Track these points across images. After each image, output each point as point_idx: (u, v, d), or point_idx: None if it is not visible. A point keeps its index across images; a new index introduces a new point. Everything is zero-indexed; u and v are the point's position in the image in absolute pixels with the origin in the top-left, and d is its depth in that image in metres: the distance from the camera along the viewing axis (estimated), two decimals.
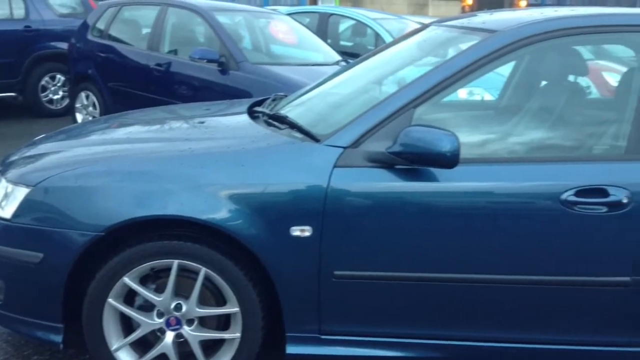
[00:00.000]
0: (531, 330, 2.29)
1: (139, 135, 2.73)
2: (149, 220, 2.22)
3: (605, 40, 2.76)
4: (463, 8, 30.80)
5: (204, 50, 5.28)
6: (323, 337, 2.31)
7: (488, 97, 3.99)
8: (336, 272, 2.23)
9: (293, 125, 2.45)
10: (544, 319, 2.27)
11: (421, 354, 2.33)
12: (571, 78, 2.77)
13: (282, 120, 2.53)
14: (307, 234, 2.19)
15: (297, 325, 2.30)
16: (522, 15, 2.56)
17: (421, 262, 2.23)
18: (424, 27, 2.97)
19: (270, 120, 2.59)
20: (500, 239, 2.20)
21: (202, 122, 2.78)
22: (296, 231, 2.19)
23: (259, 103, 2.97)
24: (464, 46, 2.37)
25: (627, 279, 2.18)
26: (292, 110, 2.71)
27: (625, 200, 2.13)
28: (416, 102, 2.24)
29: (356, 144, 2.22)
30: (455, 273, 2.22)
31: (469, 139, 2.46)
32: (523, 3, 36.02)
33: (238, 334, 2.30)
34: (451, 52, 2.44)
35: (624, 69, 2.70)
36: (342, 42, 8.16)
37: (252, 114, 2.76)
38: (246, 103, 2.98)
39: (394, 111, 2.23)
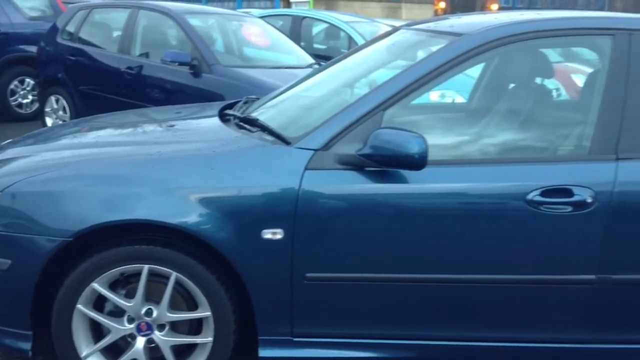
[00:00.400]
0: (500, 328, 2.32)
1: (108, 139, 2.71)
2: (118, 224, 2.20)
3: (569, 43, 2.82)
4: (436, 11, 31.17)
5: (176, 53, 5.26)
6: (296, 339, 2.31)
7: (460, 99, 4.04)
8: (308, 275, 2.23)
9: (264, 128, 2.45)
10: (512, 317, 2.31)
11: (394, 354, 2.35)
12: (538, 80, 2.81)
13: (253, 123, 2.53)
14: (278, 236, 2.19)
15: (269, 328, 2.29)
16: (489, 18, 2.60)
17: (392, 263, 2.25)
18: (394, 30, 3.00)
19: (241, 123, 2.59)
20: (469, 239, 2.23)
21: (173, 126, 2.76)
22: (268, 234, 2.19)
23: (230, 106, 2.96)
24: (432, 49, 2.40)
25: (592, 277, 2.23)
26: (264, 113, 2.71)
27: (589, 200, 2.18)
28: (385, 105, 2.26)
29: (327, 146, 2.23)
30: (424, 273, 2.24)
31: (438, 140, 2.49)
32: (494, 6, 36.62)
33: (210, 338, 2.29)
34: (420, 55, 2.47)
35: (591, 71, 2.76)
36: (315, 45, 8.18)
37: (223, 117, 2.75)
38: (217, 106, 2.97)
39: (364, 114, 2.25)
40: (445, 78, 2.30)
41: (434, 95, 4.77)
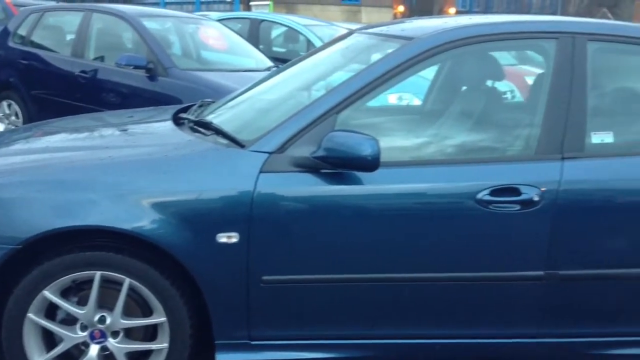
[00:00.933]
0: (454, 325, 2.36)
1: (59, 144, 2.66)
2: (69, 231, 2.16)
3: (516, 47, 2.90)
4: (395, 15, 31.50)
5: (131, 56, 5.19)
6: (253, 342, 2.31)
7: (417, 102, 4.10)
8: (264, 277, 2.23)
9: (218, 132, 2.44)
10: (467, 313, 2.35)
11: (352, 354, 2.37)
12: (489, 83, 2.88)
13: (207, 126, 2.52)
14: (234, 240, 2.19)
15: (226, 332, 2.28)
16: (438, 23, 2.65)
17: (347, 263, 2.27)
18: (348, 34, 3.02)
19: (195, 127, 2.58)
20: (422, 238, 2.27)
21: (125, 130, 2.73)
22: (223, 238, 2.18)
23: (185, 109, 2.94)
24: (384, 53, 2.43)
25: (540, 273, 2.29)
26: (219, 116, 2.70)
27: (536, 199, 2.23)
28: (339, 108, 2.28)
29: (281, 149, 2.23)
30: (379, 273, 2.27)
31: (392, 142, 2.52)
32: (452, 10, 37.21)
33: (166, 344, 2.27)
34: (373, 59, 2.49)
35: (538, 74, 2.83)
36: (274, 48, 8.19)
37: (177, 120, 2.73)
38: (172, 110, 2.94)
39: (318, 116, 2.26)
40: (397, 81, 2.33)
41: (392, 98, 4.84)
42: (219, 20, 7.03)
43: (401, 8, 34.53)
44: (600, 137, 2.34)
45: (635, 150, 2.38)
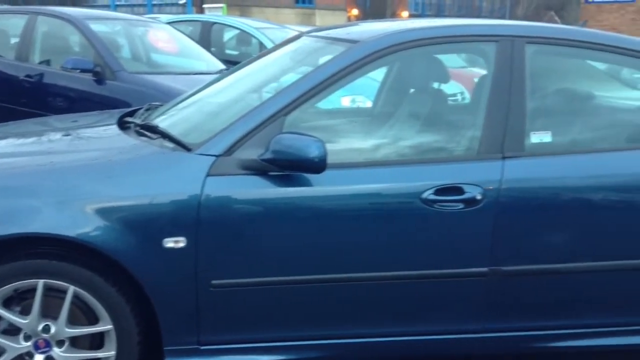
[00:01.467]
0: (404, 323, 2.40)
1: (1, 150, 2.58)
2: (10, 238, 2.10)
3: (458, 50, 2.96)
4: (349, 18, 31.77)
5: (77, 59, 5.08)
6: (203, 347, 2.29)
7: (369, 104, 4.15)
8: (214, 282, 2.22)
9: (165, 135, 2.42)
10: (415, 311, 2.39)
11: (303, 355, 2.37)
12: (433, 85, 2.93)
13: (154, 130, 2.49)
14: (181, 245, 2.17)
15: (175, 338, 2.26)
16: (383, 26, 2.69)
17: (296, 265, 2.28)
18: (296, 37, 3.04)
19: (141, 131, 2.55)
20: (370, 238, 2.30)
21: (68, 135, 2.68)
22: (170, 243, 2.17)
23: (132, 113, 2.90)
24: (330, 56, 2.45)
25: (485, 269, 2.34)
26: (166, 119, 2.68)
27: (479, 197, 2.29)
28: (286, 110, 2.29)
29: (229, 152, 2.23)
30: (328, 274, 2.29)
31: (341, 144, 2.55)
32: (405, 14, 37.69)
33: (113, 352, 2.23)
34: (319, 62, 2.51)
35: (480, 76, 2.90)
36: (227, 51, 8.14)
37: (123, 124, 2.70)
38: (118, 114, 2.90)
39: (265, 119, 2.27)
40: (343, 84, 2.36)
41: (345, 101, 4.88)
42: (170, 23, 6.95)
43: (355, 11, 34.84)
44: (539, 137, 2.42)
45: (573, 149, 2.46)
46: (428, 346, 2.44)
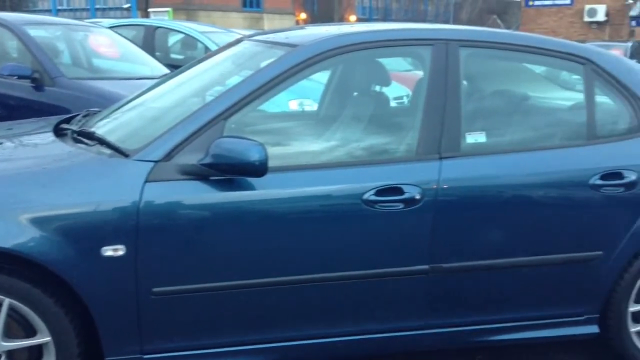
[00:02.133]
0: (348, 323, 2.42)
1: None
2: None
3: (396, 53, 3.01)
4: (297, 22, 31.83)
5: (14, 66, 4.93)
6: (145, 357, 2.26)
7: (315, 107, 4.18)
8: (155, 289, 2.20)
9: (102, 141, 2.38)
10: (358, 311, 2.42)
11: (249, 359, 2.37)
12: (374, 88, 2.98)
13: (90, 136, 2.45)
14: (120, 253, 2.13)
15: (117, 348, 2.22)
16: (322, 30, 2.71)
17: (239, 269, 2.27)
18: (237, 41, 3.03)
19: (78, 137, 2.49)
20: (314, 240, 2.31)
21: (2, 143, 2.59)
22: (108, 251, 2.13)
23: (69, 120, 2.84)
24: (269, 60, 2.46)
25: (426, 267, 2.39)
26: (104, 125, 2.63)
27: (418, 197, 2.34)
28: (226, 114, 2.28)
29: (168, 157, 2.21)
30: (272, 277, 2.29)
31: (284, 148, 2.56)
32: (353, 18, 38.00)
33: None
34: (259, 66, 2.51)
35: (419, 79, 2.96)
36: (172, 55, 8.05)
37: (59, 131, 2.63)
38: (55, 120, 2.83)
39: (205, 123, 2.26)
40: (283, 88, 2.37)
41: (293, 104, 4.90)
42: (112, 28, 6.83)
43: (303, 15, 34.93)
44: (474, 137, 2.49)
45: (507, 148, 2.54)
46: (372, 345, 2.47)
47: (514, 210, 2.47)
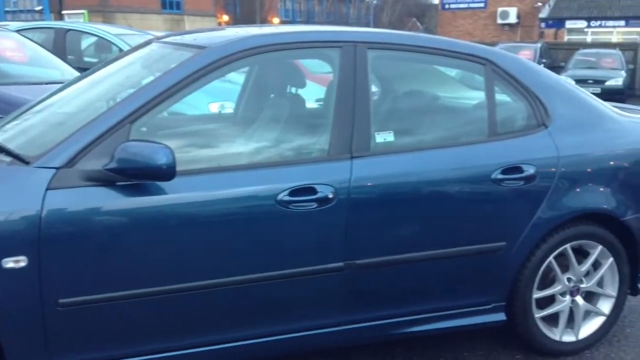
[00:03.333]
0: (265, 324, 2.43)
1: None
2: None
3: (305, 55, 3.03)
4: (219, 24, 31.51)
5: None
6: None
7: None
8: (60, 301, 2.12)
9: (1, 149, 2.27)
10: (276, 312, 2.43)
11: None
12: (288, 89, 3.00)
13: None
14: (22, 264, 2.05)
15: None
16: (231, 32, 2.71)
17: (149, 276, 2.22)
18: (145, 43, 2.98)
19: None
20: (228, 243, 2.30)
21: None
22: (9, 263, 2.04)
23: None
24: (177, 62, 2.42)
25: (340, 264, 2.43)
26: (5, 132, 2.52)
27: (331, 196, 2.37)
28: (131, 118, 2.23)
29: (70, 163, 2.13)
30: (182, 283, 2.25)
31: (199, 150, 2.53)
32: (275, 20, 38.00)
33: None
34: (166, 68, 2.47)
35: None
36: (86, 59, 7.78)
37: None
38: None
39: (109, 127, 2.20)
40: (190, 90, 2.34)
41: (213, 107, 4.84)
42: (19, 31, 6.53)
43: (225, 17, 34.63)
44: (382, 137, 2.55)
45: (414, 147, 2.62)
46: (289, 344, 2.49)
47: (422, 206, 2.54)
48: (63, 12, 17.52)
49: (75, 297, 2.14)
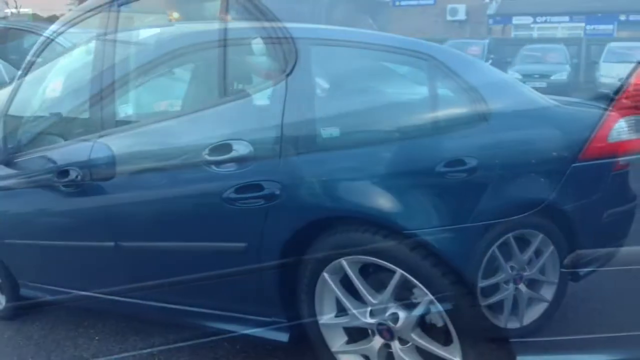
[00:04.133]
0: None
1: None
2: None
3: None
4: (170, 21, 30.94)
5: None
6: None
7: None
8: None
9: None
10: None
11: None
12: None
13: None
14: None
15: None
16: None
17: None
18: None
19: None
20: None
21: None
22: None
23: None
24: None
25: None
26: None
27: (278, 192, 2.39)
28: None
29: None
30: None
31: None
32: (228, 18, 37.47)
33: None
34: None
35: None
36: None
37: None
38: None
39: None
40: None
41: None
42: None
43: (176, 15, 33.97)
44: (328, 132, 2.57)
45: (358, 142, 2.64)
46: None
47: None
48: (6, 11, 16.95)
49: None
